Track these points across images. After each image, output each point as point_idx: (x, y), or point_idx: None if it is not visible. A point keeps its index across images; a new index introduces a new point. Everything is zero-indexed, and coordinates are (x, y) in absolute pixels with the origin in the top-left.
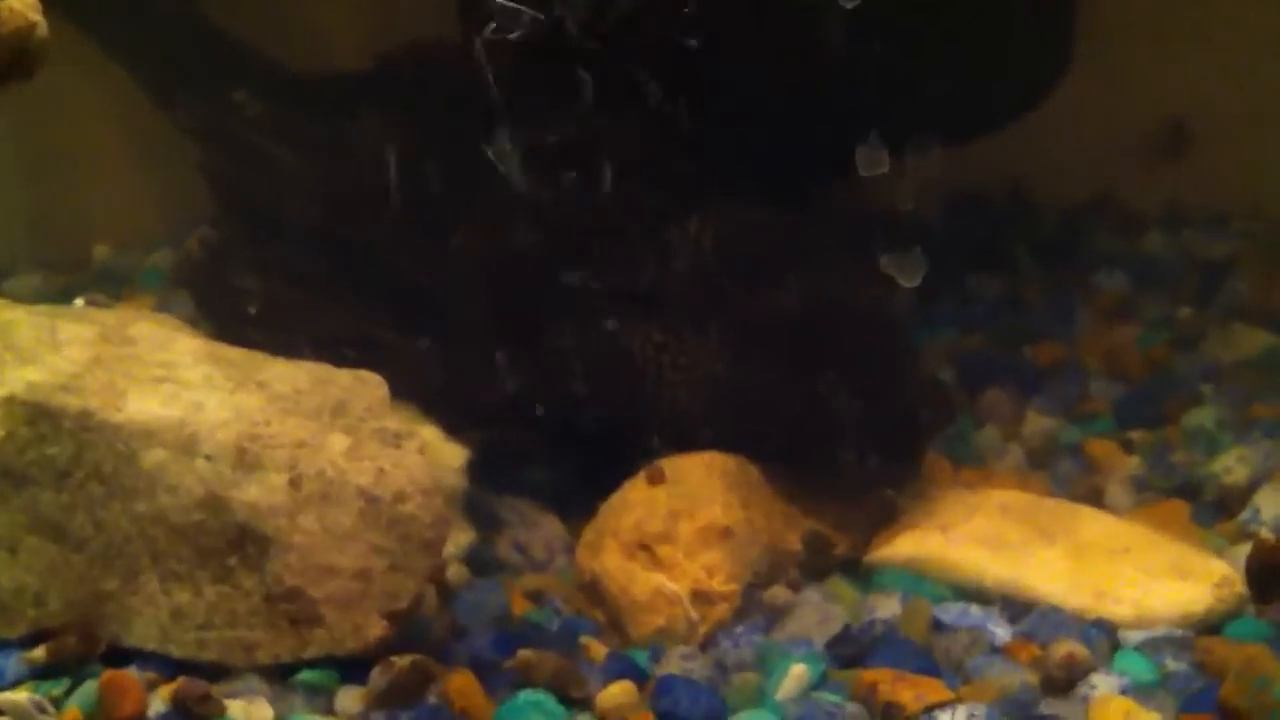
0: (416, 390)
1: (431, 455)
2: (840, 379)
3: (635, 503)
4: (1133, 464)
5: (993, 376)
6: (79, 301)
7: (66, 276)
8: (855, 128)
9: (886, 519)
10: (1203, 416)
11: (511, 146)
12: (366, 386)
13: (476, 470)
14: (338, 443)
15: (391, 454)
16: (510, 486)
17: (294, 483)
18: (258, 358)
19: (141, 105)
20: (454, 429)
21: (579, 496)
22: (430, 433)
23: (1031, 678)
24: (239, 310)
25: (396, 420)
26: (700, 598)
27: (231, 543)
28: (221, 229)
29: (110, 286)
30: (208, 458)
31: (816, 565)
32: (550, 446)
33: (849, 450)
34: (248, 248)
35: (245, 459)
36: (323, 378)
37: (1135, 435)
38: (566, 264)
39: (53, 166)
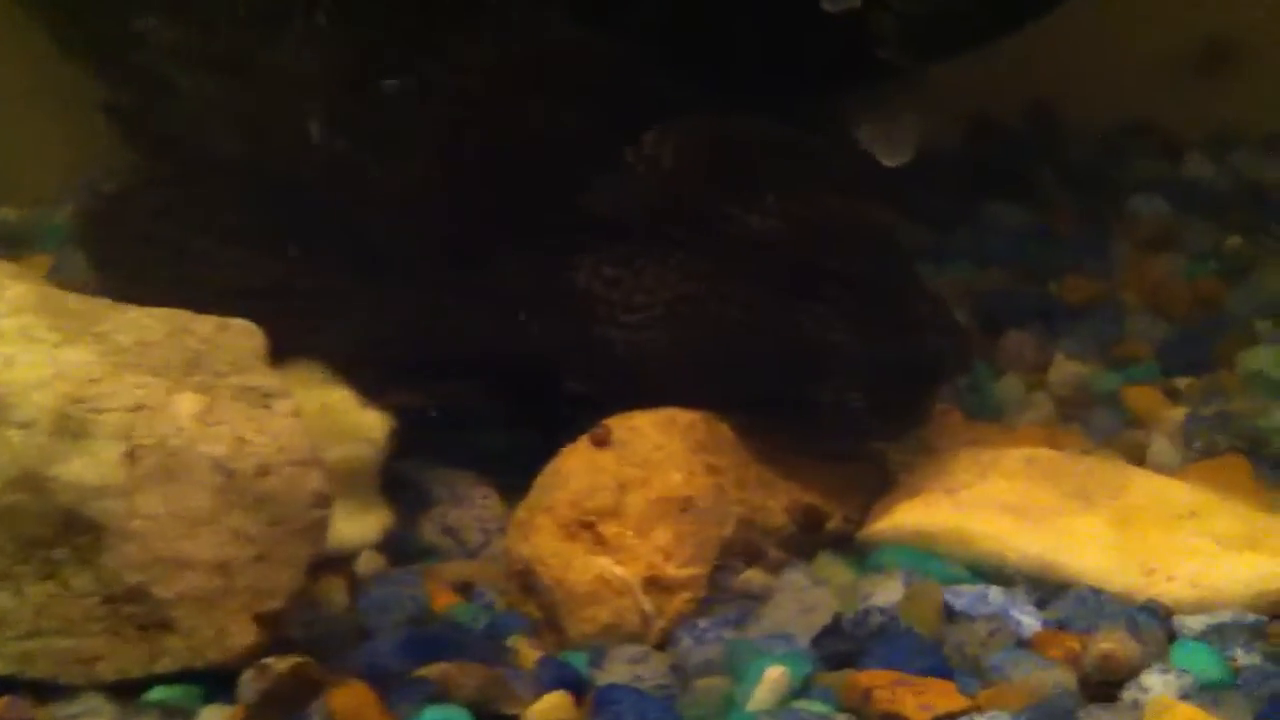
0: (337, 345)
1: (346, 422)
2: (830, 313)
3: (575, 471)
4: (1179, 415)
5: (1015, 316)
6: None
7: None
8: (854, 25)
9: (886, 484)
10: (1261, 359)
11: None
12: (233, 335)
13: (403, 439)
14: (187, 404)
15: (256, 417)
16: (444, 456)
17: (130, 455)
18: (102, 306)
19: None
20: (379, 390)
21: (523, 466)
22: (342, 396)
23: (1067, 678)
24: (137, 264)
25: (268, 376)
26: (655, 586)
27: (56, 532)
28: (123, 176)
29: (5, 249)
30: (21, 426)
31: (803, 542)
32: (489, 407)
33: (841, 400)
34: (150, 193)
35: (68, 426)
36: (180, 326)
37: (1182, 382)
38: (501, 187)
39: None
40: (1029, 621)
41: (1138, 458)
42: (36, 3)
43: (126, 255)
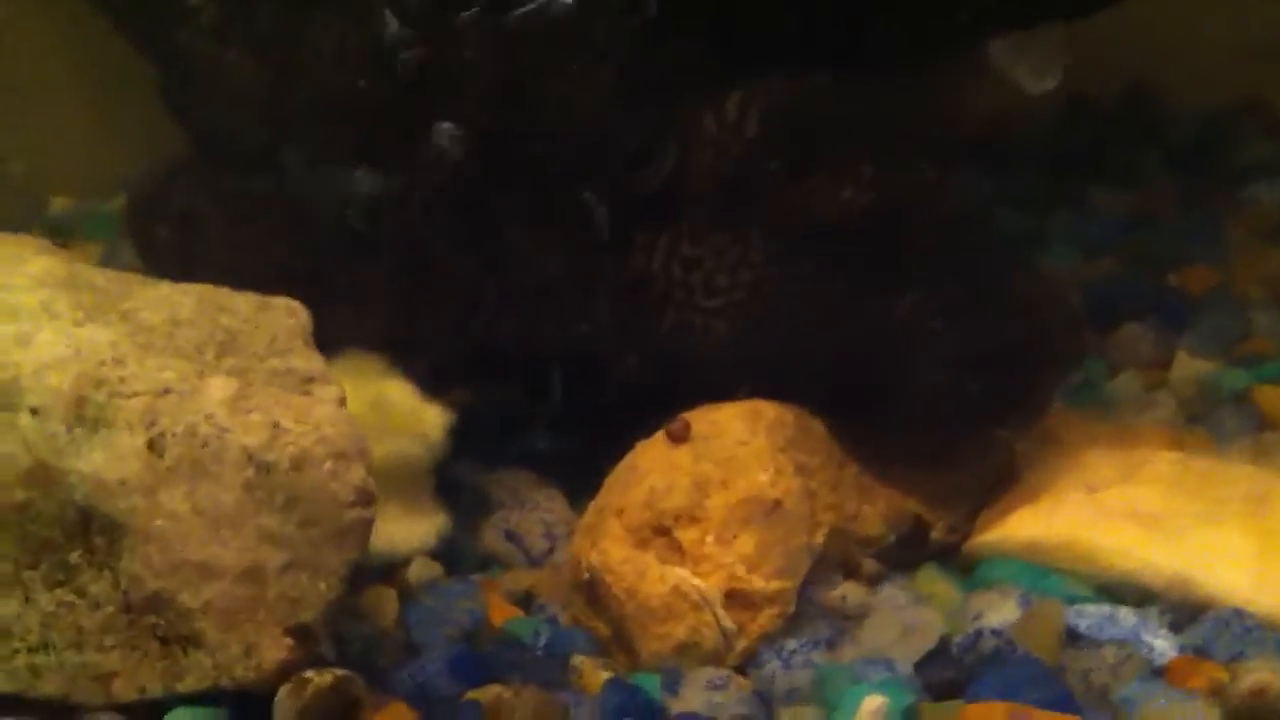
0: (385, 337)
1: (401, 416)
2: (930, 301)
3: (649, 469)
4: None
5: (1129, 308)
6: None
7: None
8: None
9: (997, 490)
10: None
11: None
12: (275, 315)
13: (462, 438)
14: (218, 389)
15: (295, 404)
16: (502, 457)
17: (154, 445)
18: (133, 281)
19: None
20: (436, 386)
21: (591, 468)
22: (399, 389)
23: (1211, 714)
24: (180, 249)
25: (310, 360)
26: (737, 600)
27: (70, 532)
28: (173, 161)
29: (58, 238)
30: (33, 411)
31: (903, 554)
32: (554, 405)
33: (945, 397)
34: (193, 177)
35: (86, 413)
36: (216, 304)
37: None
38: (561, 161)
39: None
40: (1163, 647)
41: (1271, 464)
42: None
43: (169, 240)
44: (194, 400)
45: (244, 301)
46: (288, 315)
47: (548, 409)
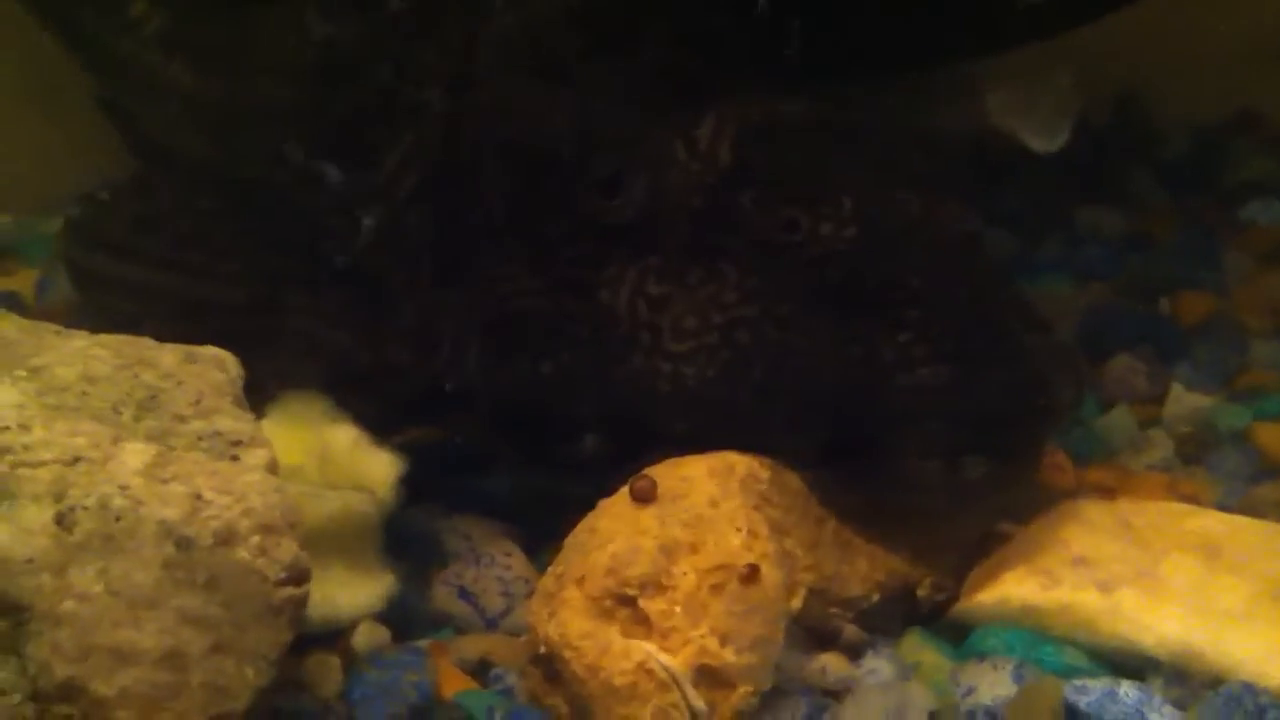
0: (333, 374)
1: (348, 467)
2: (914, 341)
3: (611, 533)
4: None
5: (1122, 338)
6: None
7: None
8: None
9: (987, 545)
10: None
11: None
12: (201, 368)
13: (417, 480)
14: (135, 456)
15: (220, 471)
16: (459, 501)
17: (62, 520)
18: (45, 332)
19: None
20: (392, 424)
21: (553, 512)
22: (347, 435)
23: None
24: (113, 280)
25: (239, 419)
26: (708, 677)
27: None
28: (117, 182)
29: None
30: None
31: (887, 617)
32: (514, 446)
33: (933, 445)
34: (132, 201)
35: None
36: (135, 357)
37: None
38: (524, 188)
39: None
40: None
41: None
42: None
43: (103, 269)
44: (107, 469)
45: (168, 355)
46: (216, 369)
47: (506, 450)
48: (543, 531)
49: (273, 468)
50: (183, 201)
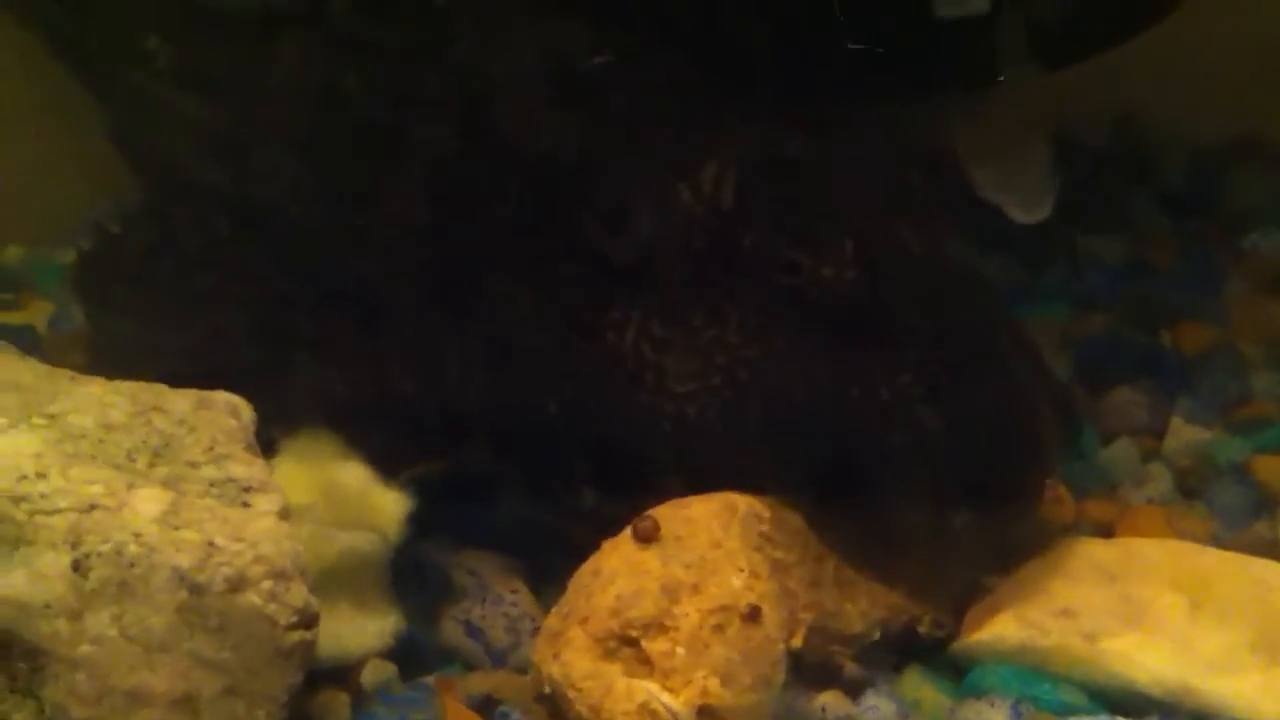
0: (339, 411)
1: (357, 505)
2: (914, 381)
3: (615, 573)
4: None
5: (1122, 369)
6: None
7: None
8: (930, 33)
9: (987, 582)
10: None
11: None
12: (214, 415)
13: (422, 516)
14: (149, 503)
15: (231, 518)
16: (470, 534)
17: (78, 566)
18: (62, 378)
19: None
20: (401, 457)
21: (558, 551)
22: (355, 473)
23: None
24: (126, 312)
25: (251, 465)
26: (710, 717)
27: None
28: (129, 212)
29: (7, 292)
30: None
31: (887, 653)
32: (522, 476)
33: (934, 483)
34: (143, 231)
35: (5, 532)
36: (150, 404)
37: None
38: (527, 228)
39: None
40: None
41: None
42: (37, 18)
43: (116, 302)
44: (122, 516)
45: (181, 400)
46: (228, 415)
47: (514, 484)
48: (548, 567)
49: (284, 514)
50: (194, 231)
